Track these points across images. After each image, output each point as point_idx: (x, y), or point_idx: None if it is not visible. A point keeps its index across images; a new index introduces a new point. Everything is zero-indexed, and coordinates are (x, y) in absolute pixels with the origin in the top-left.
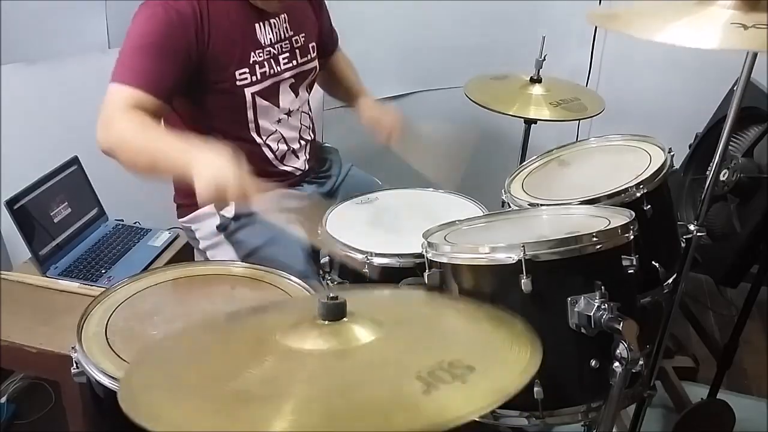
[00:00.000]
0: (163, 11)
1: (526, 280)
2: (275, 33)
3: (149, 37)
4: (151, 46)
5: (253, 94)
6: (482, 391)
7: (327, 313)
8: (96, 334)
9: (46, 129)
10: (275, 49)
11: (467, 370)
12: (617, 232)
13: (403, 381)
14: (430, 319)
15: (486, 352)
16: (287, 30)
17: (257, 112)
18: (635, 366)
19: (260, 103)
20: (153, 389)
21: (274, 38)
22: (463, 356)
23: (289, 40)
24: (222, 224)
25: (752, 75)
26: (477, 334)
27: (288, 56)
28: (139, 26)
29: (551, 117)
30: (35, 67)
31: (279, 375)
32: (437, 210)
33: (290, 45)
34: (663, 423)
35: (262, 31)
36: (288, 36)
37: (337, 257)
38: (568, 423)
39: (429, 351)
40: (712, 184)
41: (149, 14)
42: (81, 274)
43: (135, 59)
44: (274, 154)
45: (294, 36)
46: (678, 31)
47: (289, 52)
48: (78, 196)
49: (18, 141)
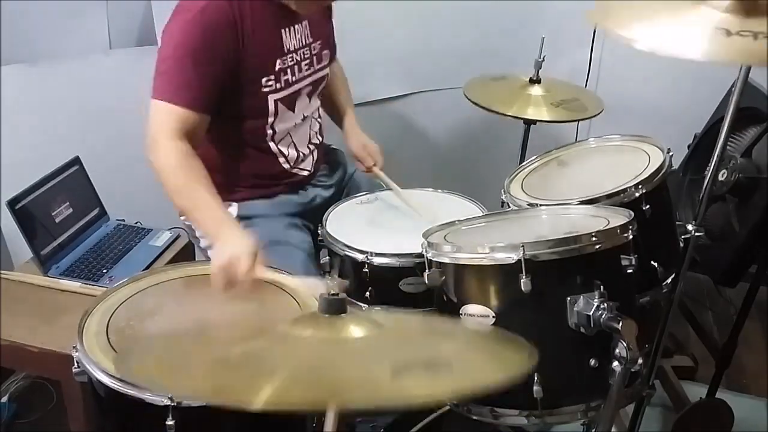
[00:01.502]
0: (202, 15)
1: (525, 280)
2: (298, 39)
3: (190, 45)
4: (193, 55)
5: (276, 101)
6: (448, 384)
7: (327, 307)
8: (97, 334)
9: (47, 129)
10: (298, 55)
11: (443, 367)
12: (616, 232)
13: (377, 366)
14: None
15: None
16: (308, 36)
17: (277, 118)
18: (634, 365)
19: (281, 110)
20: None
21: (297, 44)
22: (443, 356)
23: (309, 46)
24: None
25: (750, 76)
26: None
27: (308, 63)
28: (179, 33)
29: (550, 117)
30: (36, 68)
31: (269, 353)
32: (437, 210)
33: (310, 52)
34: (662, 422)
35: (287, 37)
36: (308, 42)
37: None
38: (567, 422)
39: (413, 350)
40: (710, 184)
41: (188, 19)
42: (82, 273)
43: (177, 71)
44: (286, 159)
45: (313, 43)
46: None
47: (309, 59)
48: (79, 196)
49: (19, 141)
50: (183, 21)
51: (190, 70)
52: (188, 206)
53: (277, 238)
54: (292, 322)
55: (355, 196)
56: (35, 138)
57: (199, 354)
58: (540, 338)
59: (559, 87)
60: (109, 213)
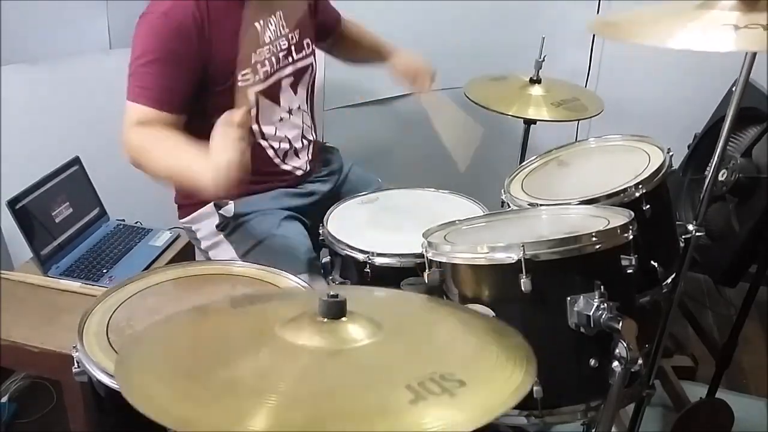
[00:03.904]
0: (163, 23)
1: (525, 280)
2: (272, 31)
3: (153, 52)
4: (157, 61)
5: (256, 94)
6: (469, 408)
7: (326, 310)
8: (97, 334)
9: (47, 129)
10: (274, 47)
11: (457, 384)
12: (616, 232)
13: (392, 388)
14: (429, 327)
15: (479, 368)
16: (283, 27)
17: (260, 111)
18: (634, 365)
19: (263, 103)
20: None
21: (272, 36)
22: (455, 369)
23: (286, 37)
24: (221, 223)
25: (751, 76)
26: (473, 348)
27: (285, 53)
28: (142, 41)
29: (551, 117)
30: (36, 68)
31: (270, 368)
32: (437, 210)
33: (287, 42)
34: (662, 422)
35: (262, 29)
36: (284, 33)
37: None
38: (567, 422)
39: (423, 360)
40: (711, 184)
41: (149, 28)
42: (82, 273)
43: (144, 77)
44: (276, 153)
45: (290, 32)
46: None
47: (286, 50)
48: (79, 196)
49: (19, 141)
50: (145, 30)
51: (154, 76)
52: (161, 166)
53: (274, 232)
54: (291, 322)
55: (356, 196)
56: (35, 138)
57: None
58: (540, 338)
59: (559, 87)
60: (109, 213)
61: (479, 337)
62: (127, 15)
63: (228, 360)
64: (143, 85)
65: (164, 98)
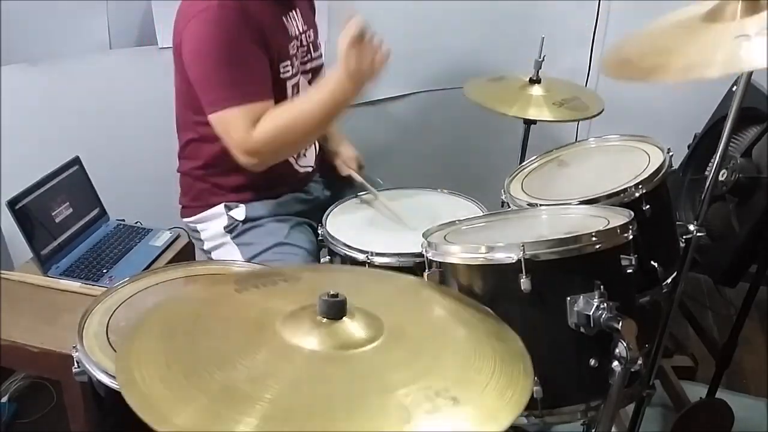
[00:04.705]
0: (219, 13)
1: (525, 280)
2: (296, 26)
3: (224, 45)
4: (231, 53)
5: (293, 86)
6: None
7: (327, 310)
8: (97, 334)
9: (47, 129)
10: (299, 41)
11: (451, 401)
12: (616, 231)
13: (387, 406)
14: (429, 329)
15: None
16: (303, 25)
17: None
18: (634, 365)
19: (295, 97)
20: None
21: (297, 31)
22: (450, 385)
23: (305, 33)
24: (230, 225)
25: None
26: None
27: (306, 50)
28: (207, 39)
29: (551, 117)
30: (36, 68)
31: (266, 372)
32: (437, 210)
33: (306, 39)
34: (662, 422)
35: (289, 23)
36: (304, 30)
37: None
38: (567, 422)
39: (419, 372)
40: (712, 185)
41: (209, 22)
42: (82, 273)
43: (225, 76)
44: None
45: (307, 30)
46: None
47: (306, 47)
48: (79, 196)
49: (19, 141)
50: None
51: (235, 70)
52: (308, 123)
53: (283, 240)
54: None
55: (356, 196)
56: (35, 138)
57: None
58: (540, 338)
59: (559, 87)
60: (109, 213)
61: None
62: (127, 15)
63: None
64: (233, 83)
65: (258, 92)
